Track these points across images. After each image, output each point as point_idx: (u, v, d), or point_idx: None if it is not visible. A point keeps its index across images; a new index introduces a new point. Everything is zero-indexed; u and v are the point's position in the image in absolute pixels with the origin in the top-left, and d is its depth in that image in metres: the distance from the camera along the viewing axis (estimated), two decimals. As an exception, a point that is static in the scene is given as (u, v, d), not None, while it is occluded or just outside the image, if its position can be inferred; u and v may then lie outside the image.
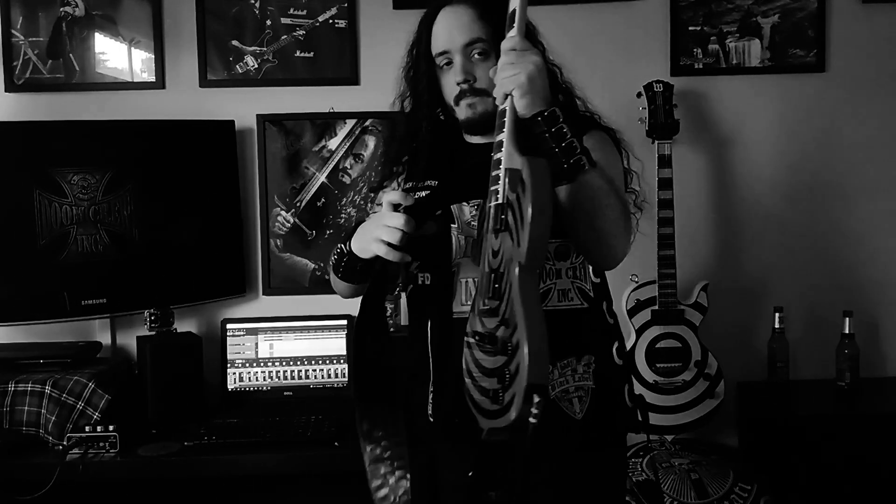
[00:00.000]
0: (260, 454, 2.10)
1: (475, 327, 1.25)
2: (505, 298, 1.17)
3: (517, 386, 1.09)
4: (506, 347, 1.13)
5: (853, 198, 2.59)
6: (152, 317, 2.33)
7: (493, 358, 1.18)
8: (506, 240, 1.17)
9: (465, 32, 1.42)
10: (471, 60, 1.43)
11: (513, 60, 1.22)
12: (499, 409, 1.14)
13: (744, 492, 2.22)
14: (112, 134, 2.41)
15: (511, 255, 1.15)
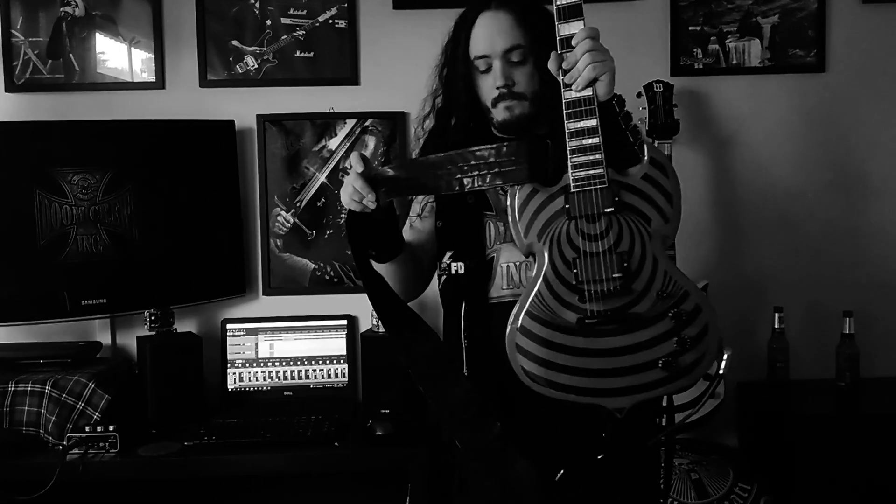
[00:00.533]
0: (260, 454, 2.10)
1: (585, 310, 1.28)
2: (647, 273, 1.27)
3: (707, 344, 1.24)
4: (678, 315, 1.24)
5: (853, 197, 2.59)
6: (152, 317, 2.33)
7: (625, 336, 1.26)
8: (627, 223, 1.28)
9: (506, 38, 1.46)
10: (510, 65, 1.47)
11: (598, 48, 1.30)
12: (673, 376, 1.25)
13: (744, 492, 2.22)
14: (112, 134, 2.40)
15: (654, 233, 1.27)
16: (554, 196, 1.32)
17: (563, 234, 1.31)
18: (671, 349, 1.24)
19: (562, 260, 1.30)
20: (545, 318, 1.29)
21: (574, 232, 1.30)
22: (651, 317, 1.26)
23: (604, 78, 1.31)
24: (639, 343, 1.26)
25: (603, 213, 1.28)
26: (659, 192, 1.29)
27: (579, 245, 1.29)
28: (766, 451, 2.41)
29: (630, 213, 1.29)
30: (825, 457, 2.23)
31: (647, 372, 1.25)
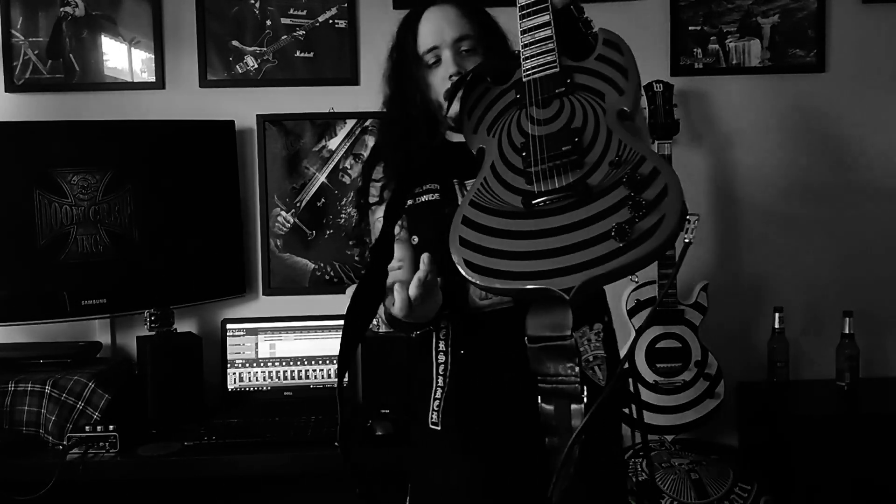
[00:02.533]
0: (260, 454, 2.10)
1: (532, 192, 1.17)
2: (601, 146, 1.16)
3: (666, 207, 1.06)
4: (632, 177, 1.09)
5: (853, 197, 2.59)
6: (152, 317, 2.33)
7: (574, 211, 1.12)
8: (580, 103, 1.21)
9: (455, 28, 1.46)
10: (460, 55, 1.46)
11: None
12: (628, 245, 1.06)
13: (744, 492, 2.22)
14: (112, 134, 2.41)
15: (608, 106, 1.19)
16: (506, 91, 1.32)
17: (513, 122, 1.27)
18: (625, 217, 1.08)
19: (511, 147, 1.24)
20: (490, 205, 1.20)
21: (525, 119, 1.25)
22: (604, 187, 1.12)
23: None
24: (590, 216, 1.11)
25: (555, 94, 1.23)
26: (613, 67, 1.24)
27: (529, 130, 1.23)
28: (766, 451, 2.41)
29: (583, 92, 1.23)
30: (825, 457, 2.23)
31: (598, 245, 1.08)
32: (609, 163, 1.14)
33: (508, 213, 1.16)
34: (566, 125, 1.21)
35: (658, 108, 2.39)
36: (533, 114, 1.23)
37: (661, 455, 2.39)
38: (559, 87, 1.24)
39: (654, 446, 2.44)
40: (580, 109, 1.22)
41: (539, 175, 1.18)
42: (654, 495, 2.22)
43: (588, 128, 1.19)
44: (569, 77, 1.24)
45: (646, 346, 2.44)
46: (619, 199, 1.10)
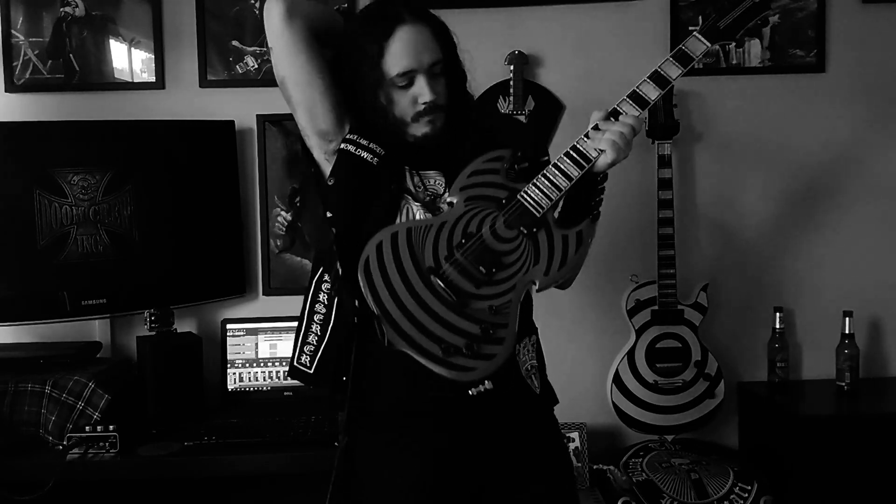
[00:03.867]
0: (260, 454, 2.10)
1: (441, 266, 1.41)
2: (501, 290, 1.41)
3: (483, 366, 1.38)
4: (487, 330, 1.39)
5: (853, 198, 2.59)
6: (152, 317, 2.33)
7: (444, 307, 1.39)
8: (524, 249, 1.43)
9: (431, 52, 1.46)
10: (434, 79, 1.47)
11: (629, 139, 1.43)
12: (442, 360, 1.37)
13: (744, 492, 2.22)
14: (112, 134, 2.41)
15: (531, 272, 1.42)
16: (504, 187, 1.46)
17: (482, 213, 1.44)
18: (460, 344, 1.38)
19: (464, 226, 1.44)
20: (414, 245, 1.42)
21: (489, 220, 1.44)
22: (472, 315, 1.40)
23: (610, 158, 1.42)
24: (447, 321, 1.39)
25: (520, 228, 1.43)
26: (561, 254, 1.44)
27: (482, 230, 1.43)
28: (766, 451, 2.41)
29: (532, 245, 1.43)
30: (825, 457, 2.23)
31: (430, 341, 1.38)
32: (489, 306, 1.40)
33: (417, 264, 1.42)
34: (501, 254, 1.43)
35: (658, 108, 2.39)
36: (497, 224, 1.44)
37: (661, 455, 2.39)
38: (526, 226, 1.43)
39: (654, 446, 2.44)
40: (518, 253, 1.43)
41: (455, 264, 1.41)
42: (656, 496, 2.22)
43: (507, 271, 1.42)
44: (537, 228, 1.43)
45: (646, 346, 2.44)
46: (470, 332, 1.39)
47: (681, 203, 2.49)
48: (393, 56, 1.44)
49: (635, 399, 2.44)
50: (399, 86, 1.46)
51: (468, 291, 1.40)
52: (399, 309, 1.39)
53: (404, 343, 1.37)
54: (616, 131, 1.42)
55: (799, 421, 2.29)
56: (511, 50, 2.50)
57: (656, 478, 2.27)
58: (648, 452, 2.40)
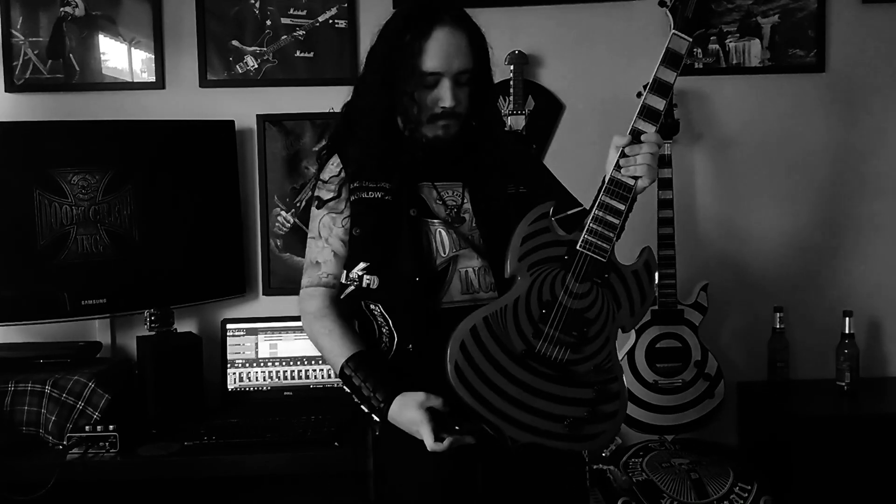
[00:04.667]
0: (260, 454, 2.10)
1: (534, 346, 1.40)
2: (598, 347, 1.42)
3: (609, 427, 1.41)
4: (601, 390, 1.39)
5: (853, 197, 2.59)
6: (152, 317, 2.33)
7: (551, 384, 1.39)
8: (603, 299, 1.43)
9: (462, 60, 1.47)
10: (458, 86, 1.48)
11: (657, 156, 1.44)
12: (571, 436, 1.38)
13: (744, 492, 2.22)
14: (112, 134, 2.41)
15: (618, 318, 1.44)
16: (560, 242, 1.45)
17: (549, 276, 1.43)
18: (581, 415, 1.39)
19: (538, 297, 1.42)
20: (498, 333, 1.40)
21: (559, 281, 1.43)
22: (581, 380, 1.41)
23: (647, 182, 1.44)
24: (559, 396, 1.39)
25: (592, 279, 1.43)
26: (638, 290, 1.46)
27: (558, 294, 1.42)
28: (766, 451, 2.41)
29: (609, 292, 1.44)
30: (825, 457, 2.23)
31: (554, 422, 1.39)
32: (595, 365, 1.41)
33: (508, 351, 1.39)
34: (585, 310, 1.42)
35: (658, 108, 2.39)
36: (569, 283, 1.43)
37: (661, 455, 2.39)
38: (598, 276, 1.43)
39: (654, 446, 2.44)
40: (599, 304, 1.43)
41: (546, 337, 1.41)
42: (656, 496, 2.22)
43: (597, 324, 1.43)
44: (608, 273, 1.43)
45: (646, 346, 2.44)
46: (585, 398, 1.39)
47: (681, 203, 2.49)
48: (427, 55, 1.46)
49: (635, 399, 2.43)
50: (425, 85, 1.47)
51: (569, 360, 1.41)
52: (509, 403, 1.38)
53: (529, 435, 1.38)
54: (646, 154, 1.42)
55: (799, 421, 2.29)
56: (511, 50, 2.50)
57: (656, 478, 2.27)
58: (648, 452, 2.40)
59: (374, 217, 1.50)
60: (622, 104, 2.37)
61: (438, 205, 1.52)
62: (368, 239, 1.50)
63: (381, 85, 1.51)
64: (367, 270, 1.49)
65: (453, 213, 1.52)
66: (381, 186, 1.51)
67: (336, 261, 1.54)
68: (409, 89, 1.47)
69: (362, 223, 1.51)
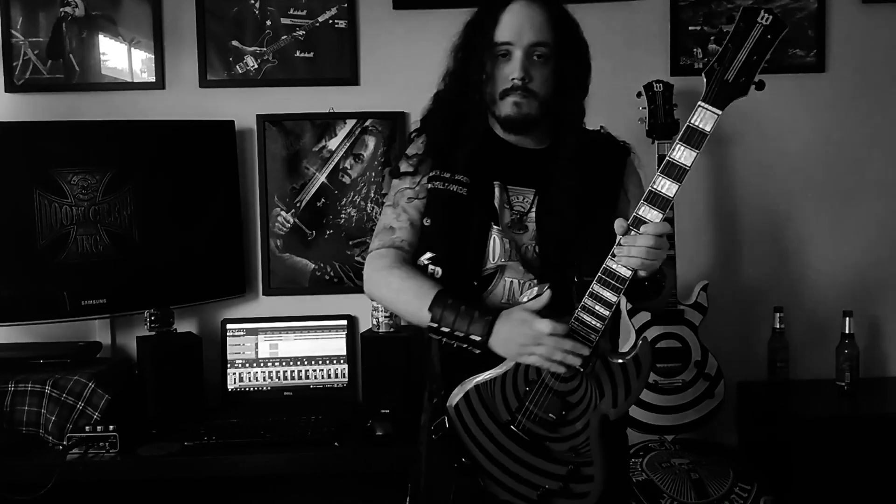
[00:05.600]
0: (260, 454, 2.10)
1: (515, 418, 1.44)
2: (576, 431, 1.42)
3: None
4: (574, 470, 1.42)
5: (853, 197, 2.59)
6: (152, 317, 2.33)
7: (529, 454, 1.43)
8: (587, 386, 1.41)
9: (535, 32, 1.43)
10: (531, 61, 1.45)
11: (660, 246, 1.34)
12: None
13: (744, 492, 2.22)
14: (112, 134, 2.41)
15: (599, 406, 1.41)
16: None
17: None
18: (554, 487, 1.43)
19: (524, 374, 1.44)
20: (486, 399, 1.45)
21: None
22: (556, 457, 1.43)
23: (645, 274, 1.37)
24: (536, 466, 1.44)
25: (584, 371, 1.40)
26: (624, 384, 1.40)
27: (543, 375, 1.42)
28: (766, 451, 2.41)
29: (594, 381, 1.41)
30: (825, 457, 2.23)
31: (528, 488, 1.44)
32: (570, 447, 1.42)
33: (493, 416, 1.46)
34: (567, 394, 1.42)
35: (658, 108, 2.39)
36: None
37: (661, 455, 2.39)
38: (582, 365, 1.39)
39: (654, 446, 2.44)
40: (583, 390, 1.41)
41: (527, 413, 1.44)
42: (656, 496, 2.22)
43: (578, 409, 1.42)
44: (592, 362, 1.39)
45: (646, 346, 2.44)
46: (559, 474, 1.43)
47: (681, 203, 2.49)
48: (500, 26, 1.45)
49: (635, 399, 2.43)
50: (499, 55, 1.45)
51: (546, 436, 1.43)
52: (490, 461, 1.45)
53: (501, 491, 1.44)
54: (641, 248, 1.32)
55: (799, 421, 2.29)
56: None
57: (656, 478, 2.27)
58: (648, 452, 2.40)
59: (446, 211, 1.50)
60: (622, 104, 2.38)
61: (504, 209, 1.50)
62: (438, 231, 1.50)
63: (463, 65, 1.51)
64: (432, 261, 1.50)
65: (516, 219, 1.50)
66: (459, 180, 1.50)
67: (411, 229, 1.53)
68: (484, 62, 1.46)
69: (434, 215, 1.51)
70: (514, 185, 1.51)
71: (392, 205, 1.56)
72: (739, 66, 1.35)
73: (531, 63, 1.44)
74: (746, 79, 1.38)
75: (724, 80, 1.36)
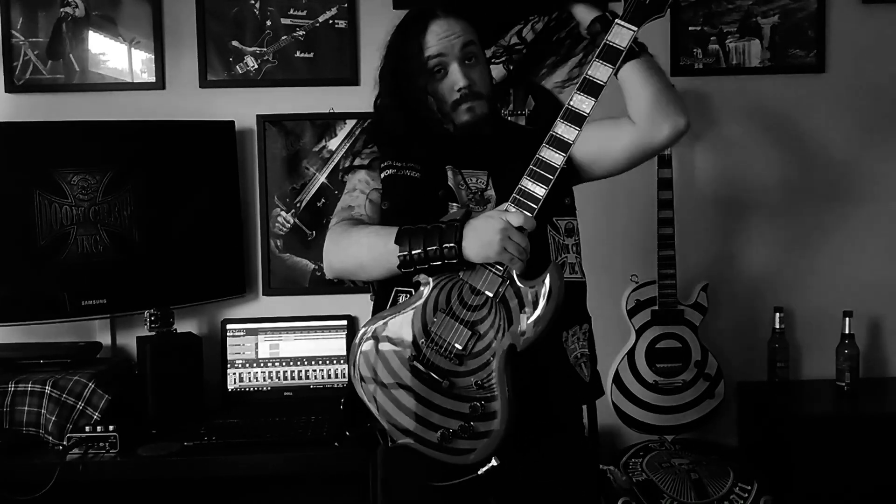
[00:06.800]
0: (260, 454, 2.10)
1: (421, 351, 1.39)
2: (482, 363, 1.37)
3: (481, 446, 1.36)
4: (477, 407, 1.36)
5: (853, 197, 2.59)
6: (152, 317, 2.33)
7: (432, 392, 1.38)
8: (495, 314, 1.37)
9: (462, 37, 1.50)
10: (466, 66, 1.50)
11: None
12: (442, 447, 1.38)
13: (744, 492, 2.22)
14: (112, 134, 2.41)
15: (507, 335, 1.36)
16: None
17: (447, 285, 1.40)
18: (454, 427, 1.37)
19: (433, 304, 1.40)
20: (392, 336, 1.41)
21: (455, 290, 1.40)
22: (458, 393, 1.38)
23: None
24: (438, 406, 1.38)
25: (484, 293, 1.38)
26: (532, 304, 1.36)
27: (452, 304, 1.39)
28: (766, 451, 2.41)
29: (503, 308, 1.37)
30: (825, 457, 2.23)
31: (427, 429, 1.39)
32: (475, 381, 1.37)
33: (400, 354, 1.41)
34: (474, 323, 1.38)
35: (658, 108, 2.38)
36: (463, 292, 1.39)
37: (661, 455, 2.39)
38: (491, 291, 1.37)
39: (654, 446, 2.44)
40: (490, 320, 1.38)
41: (433, 345, 1.39)
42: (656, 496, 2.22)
43: (484, 340, 1.38)
44: (503, 289, 1.37)
45: (646, 346, 2.44)
46: (459, 412, 1.37)
47: (681, 203, 2.49)
48: (427, 46, 1.48)
49: (635, 399, 2.44)
50: (436, 74, 1.50)
51: (450, 370, 1.38)
52: (393, 403, 1.40)
53: (403, 436, 1.39)
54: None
55: (799, 421, 2.29)
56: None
57: (656, 478, 2.27)
58: (648, 452, 2.40)
59: (404, 193, 1.50)
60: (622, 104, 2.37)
61: (461, 188, 1.52)
62: (397, 214, 1.50)
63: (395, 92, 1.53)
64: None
65: (477, 196, 1.51)
66: (412, 167, 1.52)
67: (371, 205, 1.53)
68: (424, 87, 1.50)
69: (392, 197, 1.52)
70: (466, 168, 1.53)
71: (349, 191, 1.57)
72: None
73: (467, 68, 1.50)
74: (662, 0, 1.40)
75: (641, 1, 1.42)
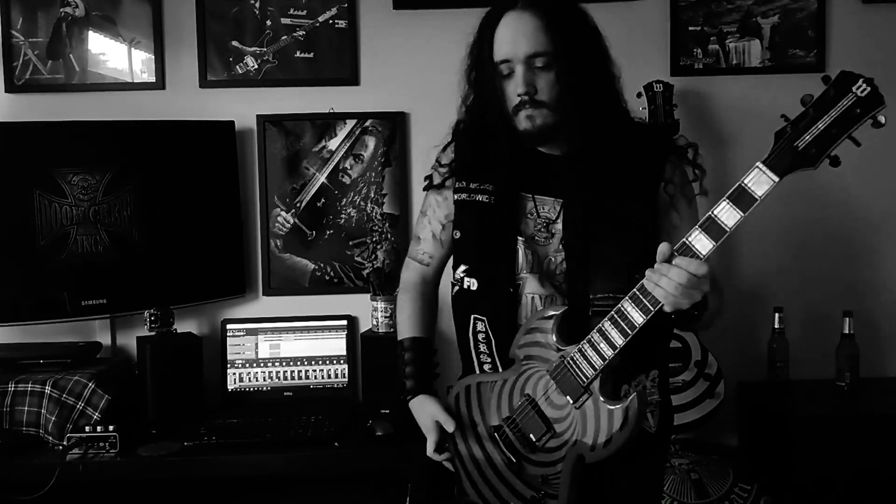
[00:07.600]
0: (260, 454, 2.10)
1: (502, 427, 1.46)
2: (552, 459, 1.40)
3: None
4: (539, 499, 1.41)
5: (853, 198, 2.59)
6: (152, 317, 2.33)
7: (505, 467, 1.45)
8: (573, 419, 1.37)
9: (530, 43, 1.36)
10: (532, 71, 1.38)
11: (693, 287, 1.22)
12: None
13: (744, 492, 2.22)
14: (112, 134, 2.41)
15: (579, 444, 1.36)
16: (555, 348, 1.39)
17: (535, 376, 1.42)
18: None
19: (520, 390, 1.44)
20: (483, 399, 1.48)
21: (541, 385, 1.41)
22: (527, 480, 1.43)
23: (669, 310, 1.26)
24: (507, 480, 1.45)
25: (567, 397, 1.37)
26: (606, 430, 1.33)
27: (536, 396, 1.41)
28: (766, 451, 2.41)
29: (579, 418, 1.36)
30: (825, 457, 2.23)
31: (493, 496, 1.47)
32: (542, 474, 1.41)
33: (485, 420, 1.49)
34: (553, 421, 1.39)
35: (658, 108, 2.39)
36: (549, 387, 1.40)
37: (661, 455, 2.39)
38: (573, 397, 1.36)
39: (654, 446, 2.44)
40: (567, 424, 1.38)
41: (511, 427, 1.44)
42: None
43: (559, 439, 1.39)
44: (582, 396, 1.35)
45: (646, 346, 2.44)
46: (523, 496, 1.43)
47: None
48: (496, 43, 1.39)
49: (635, 399, 2.44)
50: (504, 75, 1.41)
51: (524, 455, 1.43)
52: (471, 459, 1.49)
53: (473, 493, 1.48)
54: (671, 282, 1.21)
55: (799, 421, 2.29)
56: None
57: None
58: (648, 452, 2.40)
59: (473, 222, 1.49)
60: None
61: (530, 218, 1.45)
62: (468, 243, 1.51)
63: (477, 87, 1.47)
64: (467, 273, 1.50)
65: (542, 227, 1.45)
66: (484, 189, 1.47)
67: (434, 242, 1.62)
68: (495, 84, 1.41)
69: (463, 227, 1.52)
70: (541, 194, 1.45)
71: (422, 212, 1.64)
72: (816, 135, 1.23)
73: (534, 74, 1.38)
74: (818, 151, 1.24)
75: (793, 146, 1.25)
